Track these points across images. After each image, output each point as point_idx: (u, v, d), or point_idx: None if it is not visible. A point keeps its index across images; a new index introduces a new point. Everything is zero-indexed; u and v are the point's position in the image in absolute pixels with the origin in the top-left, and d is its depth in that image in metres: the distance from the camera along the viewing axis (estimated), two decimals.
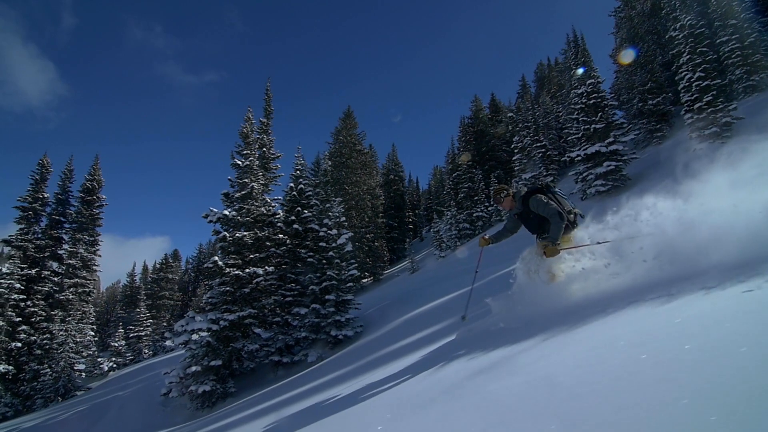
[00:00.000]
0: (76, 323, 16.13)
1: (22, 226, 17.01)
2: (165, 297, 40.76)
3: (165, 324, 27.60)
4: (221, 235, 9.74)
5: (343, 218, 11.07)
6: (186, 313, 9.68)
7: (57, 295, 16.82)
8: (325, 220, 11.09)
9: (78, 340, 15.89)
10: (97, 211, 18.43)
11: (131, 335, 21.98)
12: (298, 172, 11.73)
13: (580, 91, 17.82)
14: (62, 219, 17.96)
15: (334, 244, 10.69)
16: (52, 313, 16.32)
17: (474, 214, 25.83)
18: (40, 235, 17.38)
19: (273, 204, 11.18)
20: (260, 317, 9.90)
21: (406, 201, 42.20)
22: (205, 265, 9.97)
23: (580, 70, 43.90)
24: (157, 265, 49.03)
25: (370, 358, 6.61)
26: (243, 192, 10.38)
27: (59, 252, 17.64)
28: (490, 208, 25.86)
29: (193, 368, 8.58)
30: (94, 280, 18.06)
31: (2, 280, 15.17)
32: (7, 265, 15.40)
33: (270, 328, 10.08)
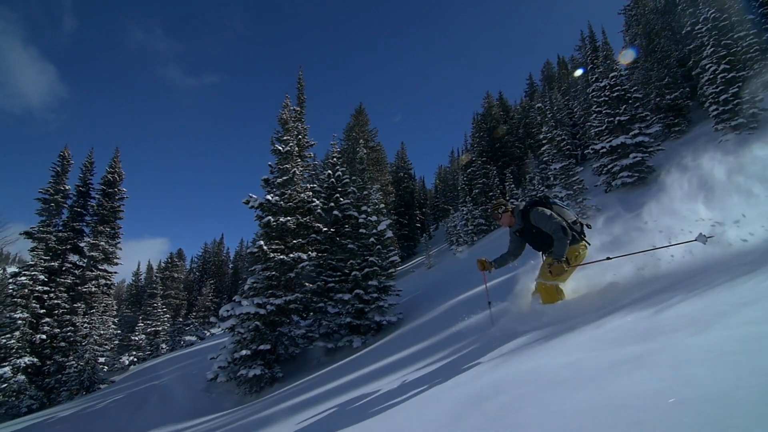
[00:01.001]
0: (100, 315, 15.96)
1: (44, 218, 16.86)
2: (171, 296, 40.54)
3: (172, 323, 27.33)
4: (266, 219, 9.66)
5: (382, 205, 11.01)
6: (233, 298, 9.58)
7: (79, 288, 16.66)
8: (363, 207, 11.05)
9: (102, 332, 15.72)
10: (118, 204, 18.30)
11: (148, 330, 21.80)
12: (334, 159, 11.68)
13: (602, 84, 17.88)
14: (83, 211, 17.81)
15: (374, 231, 10.64)
16: (75, 305, 16.16)
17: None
18: (61, 228, 17.23)
19: (311, 191, 11.12)
20: (304, 302, 9.83)
21: (415, 199, 42.20)
22: (249, 250, 9.90)
23: (579, 71, 44.45)
24: (162, 264, 48.81)
25: (417, 348, 6.21)
26: (284, 177, 10.32)
27: (80, 244, 17.49)
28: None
29: (243, 352, 8.49)
30: (116, 273, 17.93)
31: (26, 272, 15.01)
32: (30, 256, 15.24)
33: (313, 314, 10.00)
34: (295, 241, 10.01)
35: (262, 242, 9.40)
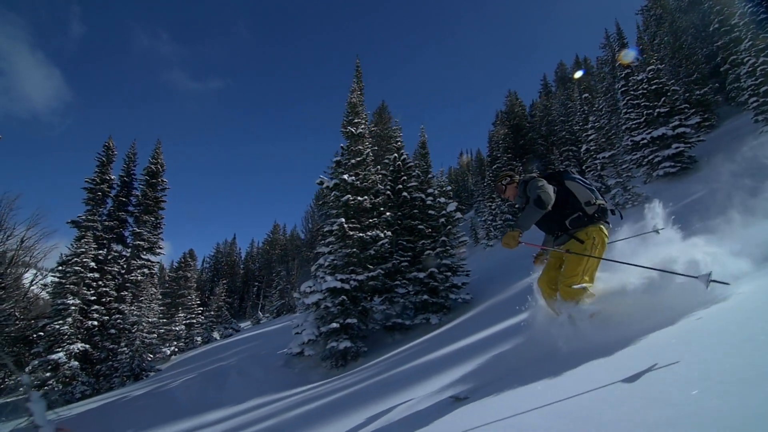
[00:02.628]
0: (149, 303, 16.02)
1: (89, 207, 16.98)
2: (184, 296, 40.47)
3: (205, 316, 27.29)
4: (344, 198, 9.83)
5: (449, 187, 11.20)
6: (313, 275, 9.72)
7: (126, 276, 16.74)
8: (429, 190, 11.23)
9: (150, 320, 15.78)
10: (161, 195, 18.44)
11: (185, 321, 21.82)
12: (399, 143, 11.88)
13: (639, 78, 18.21)
14: (127, 201, 17.95)
15: (443, 212, 10.82)
16: (122, 294, 16.23)
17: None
18: (105, 217, 17.35)
19: (379, 173, 11.31)
20: (380, 280, 9.96)
21: None
22: (326, 229, 10.05)
23: (579, 73, 44.84)
24: (175, 264, 48.86)
25: (496, 330, 6.03)
26: (357, 159, 10.52)
27: (125, 234, 17.60)
28: None
29: (333, 324, 8.61)
30: (158, 263, 18.01)
31: (77, 258, 15.10)
32: (82, 243, 15.33)
33: (386, 293, 10.14)
34: (369, 221, 10.17)
35: (342, 220, 9.56)
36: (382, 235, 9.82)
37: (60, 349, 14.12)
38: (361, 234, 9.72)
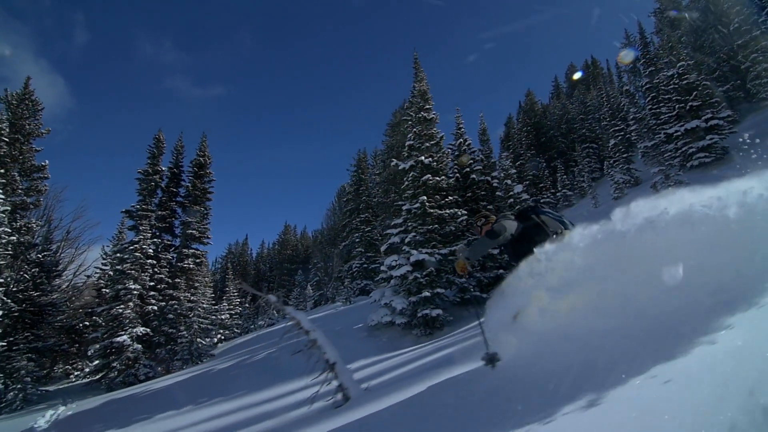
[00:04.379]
0: (204, 289, 16.45)
1: (141, 197, 17.43)
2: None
3: (228, 313, 27.63)
4: (424, 178, 10.39)
5: (513, 170, 11.79)
6: (399, 250, 10.25)
7: (179, 264, 17.17)
8: (494, 173, 11.82)
9: (204, 306, 16.19)
10: (208, 186, 18.91)
11: (228, 311, 22.20)
12: (461, 129, 12.49)
13: (670, 73, 19.00)
14: (176, 192, 18.42)
15: (511, 193, 11.40)
16: (176, 281, 16.65)
17: (541, 200, 26.75)
18: (155, 207, 17.79)
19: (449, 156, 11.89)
20: None
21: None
22: (405, 207, 10.58)
23: (578, 74, 45.48)
24: None
25: None
26: (432, 142, 11.10)
27: (175, 223, 18.05)
28: (558, 194, 26.84)
29: (425, 293, 9.12)
30: (206, 252, 18.44)
31: (136, 245, 15.53)
32: (140, 229, 15.77)
33: None
34: (446, 200, 10.73)
35: (424, 198, 10.11)
36: (459, 212, 10.38)
37: (123, 333, 14.49)
38: (441, 212, 10.28)
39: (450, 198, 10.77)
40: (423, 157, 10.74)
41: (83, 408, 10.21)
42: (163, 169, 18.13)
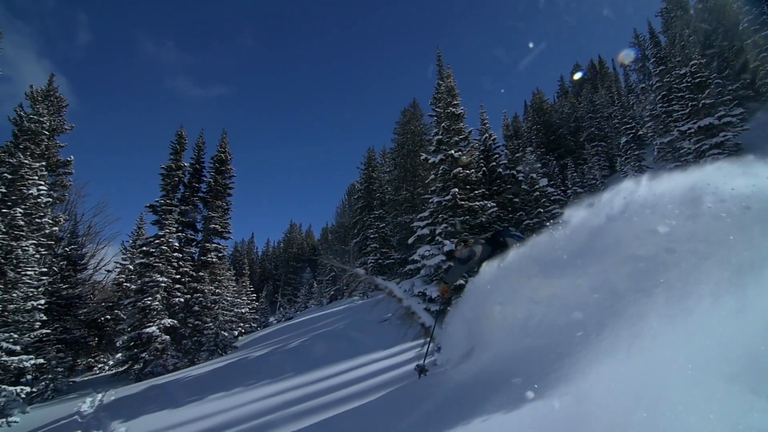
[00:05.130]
0: (228, 282, 16.76)
1: (164, 192, 17.74)
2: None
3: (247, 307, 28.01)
4: (455, 170, 10.72)
5: (538, 165, 12.13)
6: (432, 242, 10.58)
7: (202, 258, 17.48)
8: (519, 167, 12.16)
9: (228, 299, 16.51)
10: (229, 182, 19.24)
11: (247, 305, 22.53)
12: (486, 125, 12.82)
13: (682, 72, 19.34)
14: (198, 186, 18.75)
15: (536, 186, 11.74)
16: (200, 274, 16.97)
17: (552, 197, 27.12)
18: (178, 202, 18.10)
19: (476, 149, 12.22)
20: None
21: None
22: (435, 200, 10.91)
23: (578, 74, 45.76)
24: None
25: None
26: (460, 137, 11.43)
27: (197, 218, 18.37)
28: (568, 191, 27.18)
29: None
30: (227, 247, 18.76)
31: (163, 238, 15.84)
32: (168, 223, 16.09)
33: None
34: (474, 193, 11.07)
35: (456, 190, 10.44)
36: (489, 204, 10.71)
37: (152, 324, 14.80)
38: (471, 203, 10.61)
39: (478, 191, 11.11)
40: (453, 151, 11.08)
41: (125, 393, 10.53)
42: (186, 165, 18.44)
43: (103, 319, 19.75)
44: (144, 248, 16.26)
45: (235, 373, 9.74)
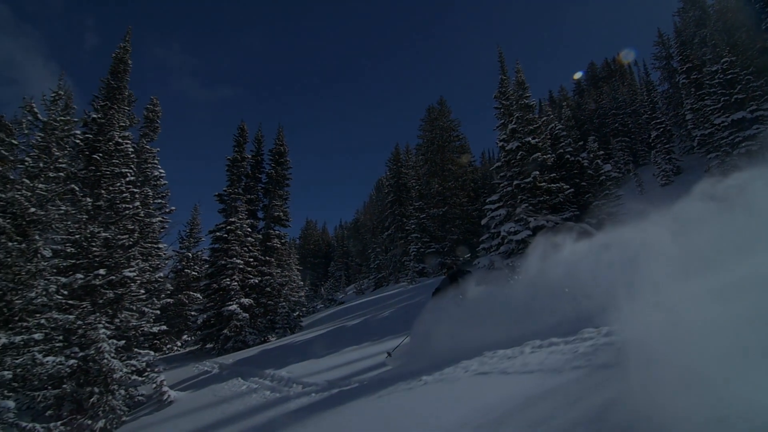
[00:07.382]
0: (296, 266, 17.84)
1: (229, 182, 18.83)
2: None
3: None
4: (534, 155, 11.85)
5: (601, 152, 13.25)
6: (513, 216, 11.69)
7: (267, 243, 18.57)
8: (582, 154, 13.28)
9: (295, 282, 17.61)
10: (287, 173, 20.33)
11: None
12: (549, 115, 13.94)
13: (714, 69, 20.51)
14: (259, 177, 19.85)
15: (601, 171, 12.87)
16: (268, 258, 18.06)
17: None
18: (241, 191, 19.19)
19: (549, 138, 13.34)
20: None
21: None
22: (515, 182, 12.02)
23: (579, 74, 46.83)
24: None
25: None
26: (534, 126, 12.56)
27: (259, 206, 19.48)
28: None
29: None
30: (287, 234, 19.85)
31: (237, 224, 16.92)
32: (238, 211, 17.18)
33: None
34: (550, 176, 12.20)
35: (537, 172, 11.57)
36: (565, 186, 11.84)
37: (232, 302, 15.88)
38: (549, 185, 11.74)
39: (553, 174, 12.24)
40: (530, 138, 12.21)
41: (240, 357, 11.60)
42: (248, 156, 19.53)
43: (173, 300, 20.79)
44: (217, 233, 17.33)
45: (344, 337, 10.80)
